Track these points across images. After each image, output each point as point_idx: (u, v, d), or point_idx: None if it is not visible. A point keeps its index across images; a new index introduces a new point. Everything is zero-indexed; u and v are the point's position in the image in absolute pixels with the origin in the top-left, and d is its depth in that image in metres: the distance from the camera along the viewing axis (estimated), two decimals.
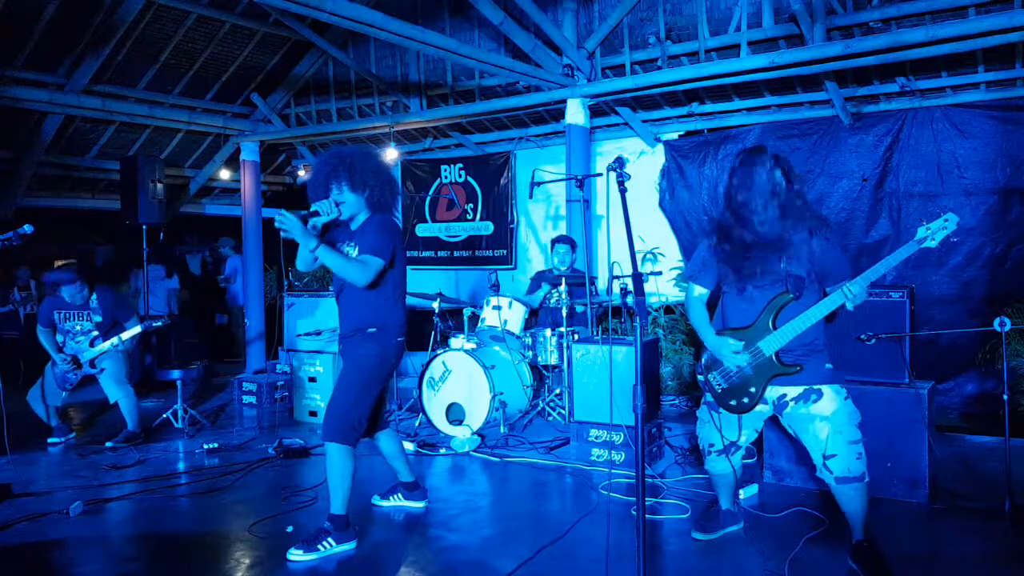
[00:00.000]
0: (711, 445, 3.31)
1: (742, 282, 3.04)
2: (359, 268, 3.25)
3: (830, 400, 2.97)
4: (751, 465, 4.45)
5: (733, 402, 3.12)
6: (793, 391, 3.02)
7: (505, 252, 8.48)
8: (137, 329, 5.37)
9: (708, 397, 3.29)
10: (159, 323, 5.52)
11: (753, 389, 3.06)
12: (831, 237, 3.00)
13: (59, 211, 9.00)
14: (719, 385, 3.15)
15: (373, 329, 3.40)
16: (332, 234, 3.51)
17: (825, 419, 2.96)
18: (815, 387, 2.99)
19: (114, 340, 5.31)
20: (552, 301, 5.79)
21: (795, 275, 2.96)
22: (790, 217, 2.97)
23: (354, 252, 3.37)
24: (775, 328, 2.98)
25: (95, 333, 5.34)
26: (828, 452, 2.95)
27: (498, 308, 5.75)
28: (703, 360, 3.24)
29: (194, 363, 6.04)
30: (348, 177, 3.33)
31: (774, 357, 3.00)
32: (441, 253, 9.03)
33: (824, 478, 3.00)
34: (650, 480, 4.20)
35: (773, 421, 3.40)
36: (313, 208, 3.28)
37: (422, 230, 9.14)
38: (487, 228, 8.61)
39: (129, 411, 5.37)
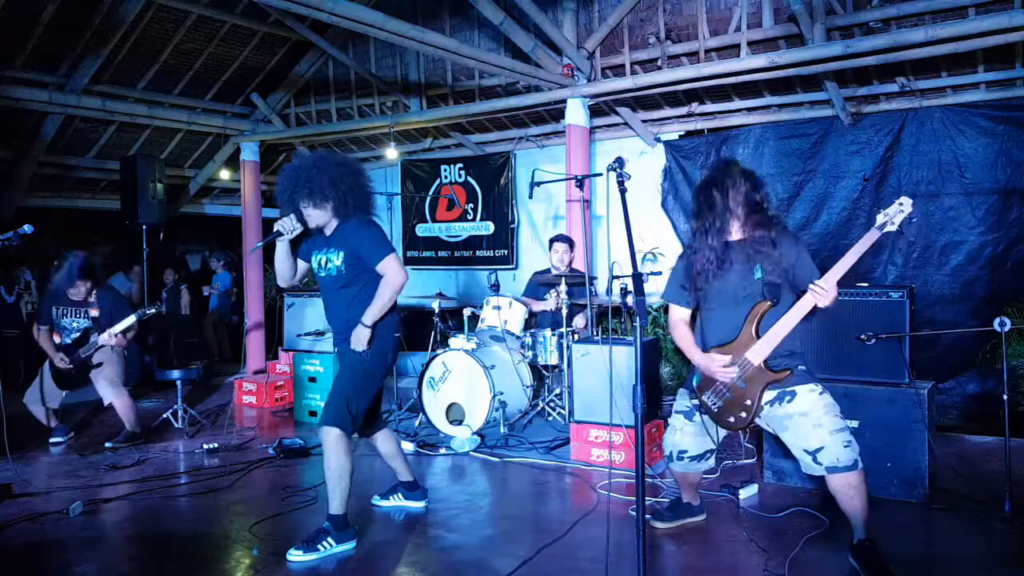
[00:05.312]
0: (683, 451, 3.32)
1: (720, 297, 3.08)
2: (389, 287, 3.35)
3: (804, 397, 3.01)
4: (751, 465, 4.46)
5: (731, 419, 3.14)
6: (768, 395, 3.06)
7: (506, 252, 8.47)
8: (132, 318, 5.33)
9: (680, 406, 3.34)
10: (152, 309, 5.50)
11: (748, 402, 3.07)
12: (797, 241, 3.07)
13: (59, 211, 8.99)
14: (715, 404, 3.17)
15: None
16: (307, 244, 3.58)
17: (803, 415, 3.00)
18: (788, 389, 3.03)
19: (112, 330, 5.29)
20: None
21: (770, 282, 3.00)
22: (759, 227, 3.04)
23: (335, 257, 3.42)
24: (758, 336, 3.01)
25: (91, 329, 5.33)
26: (812, 448, 2.97)
27: (498, 308, 5.75)
28: (695, 382, 3.25)
29: (194, 363, 6.04)
30: (307, 194, 3.36)
31: (763, 365, 3.02)
32: (442, 253, 9.02)
33: (814, 472, 3.01)
34: (650, 480, 4.20)
35: None
36: (276, 229, 3.37)
37: (423, 230, 9.13)
38: (487, 228, 8.60)
39: (125, 413, 5.36)
